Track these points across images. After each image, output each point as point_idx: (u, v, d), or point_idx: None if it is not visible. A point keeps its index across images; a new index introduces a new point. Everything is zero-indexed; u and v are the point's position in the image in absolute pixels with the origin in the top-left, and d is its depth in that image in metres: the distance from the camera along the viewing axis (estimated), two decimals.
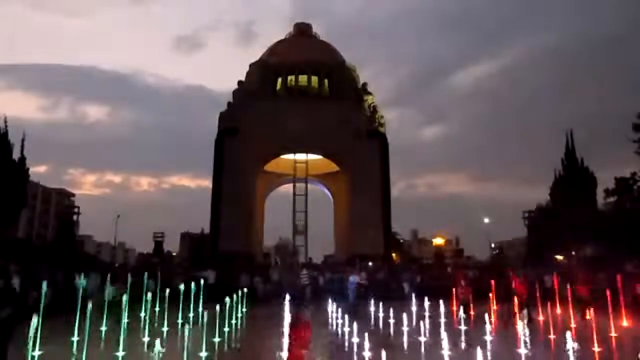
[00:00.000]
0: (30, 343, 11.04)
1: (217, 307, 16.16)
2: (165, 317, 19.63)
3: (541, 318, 20.66)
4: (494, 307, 24.82)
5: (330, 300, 22.00)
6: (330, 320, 20.72)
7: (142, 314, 20.22)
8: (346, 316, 17.30)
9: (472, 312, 22.90)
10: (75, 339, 14.74)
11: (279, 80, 61.28)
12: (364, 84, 62.78)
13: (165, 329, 18.74)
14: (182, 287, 22.49)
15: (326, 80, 61.71)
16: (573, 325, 19.04)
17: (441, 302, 20.45)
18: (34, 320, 10.19)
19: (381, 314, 21.36)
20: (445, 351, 8.73)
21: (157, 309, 21.95)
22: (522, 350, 11.67)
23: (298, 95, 59.75)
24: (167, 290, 21.68)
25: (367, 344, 10.99)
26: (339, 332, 17.89)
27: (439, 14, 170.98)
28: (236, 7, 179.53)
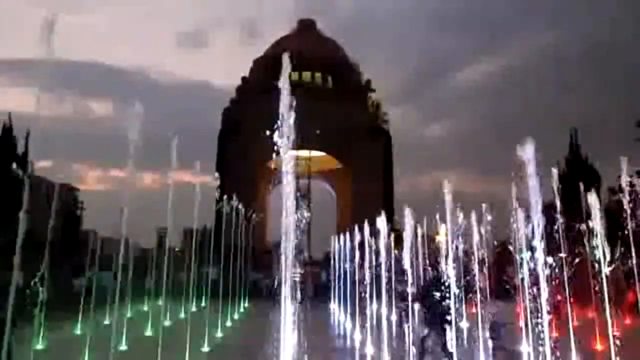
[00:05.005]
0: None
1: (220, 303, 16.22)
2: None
3: None
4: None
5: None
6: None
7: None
8: None
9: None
10: None
11: (283, 76, 61.10)
12: (368, 81, 62.70)
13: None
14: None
15: (330, 77, 61.67)
16: None
17: None
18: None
19: None
20: None
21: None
22: None
23: (301, 92, 59.67)
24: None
25: None
26: None
27: (443, 11, 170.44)
28: (240, 2, 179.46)
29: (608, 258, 12.82)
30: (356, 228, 19.59)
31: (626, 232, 13.26)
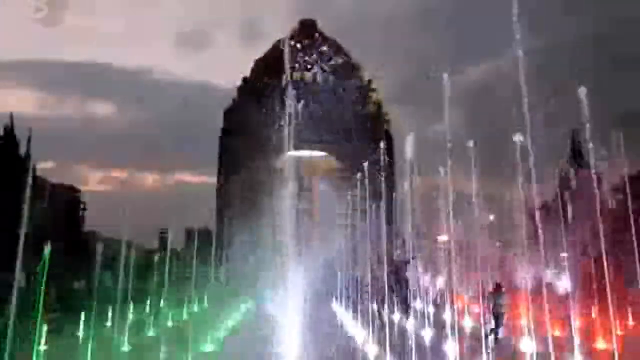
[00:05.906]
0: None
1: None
2: None
3: None
4: None
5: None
6: None
7: None
8: None
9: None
10: None
11: (284, 77, 61.17)
12: (368, 81, 62.68)
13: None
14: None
15: (331, 77, 61.62)
16: None
17: None
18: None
19: None
20: None
21: None
22: None
23: (302, 92, 59.62)
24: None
25: None
26: None
27: (444, 11, 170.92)
28: (240, 2, 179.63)
29: None
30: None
31: None
